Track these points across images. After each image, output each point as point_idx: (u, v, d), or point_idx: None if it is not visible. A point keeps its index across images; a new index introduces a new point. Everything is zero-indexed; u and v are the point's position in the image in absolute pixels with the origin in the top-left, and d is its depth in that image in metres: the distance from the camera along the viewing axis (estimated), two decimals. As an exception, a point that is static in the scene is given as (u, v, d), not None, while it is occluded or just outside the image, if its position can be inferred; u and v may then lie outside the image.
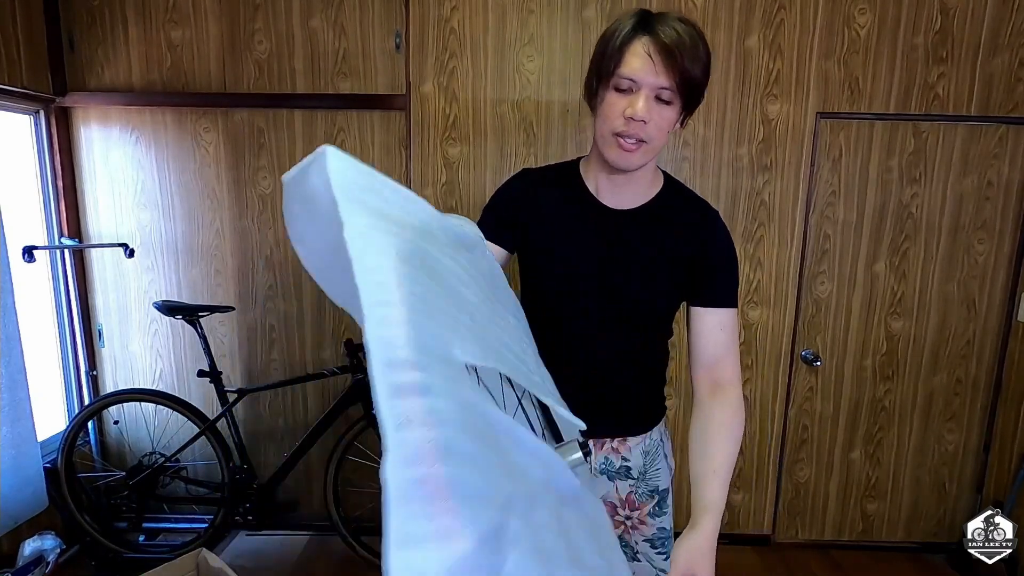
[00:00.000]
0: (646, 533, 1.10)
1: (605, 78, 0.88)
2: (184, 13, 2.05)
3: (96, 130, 2.13)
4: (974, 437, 2.25)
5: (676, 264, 0.99)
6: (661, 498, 1.10)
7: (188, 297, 2.22)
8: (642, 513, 1.09)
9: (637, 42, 0.85)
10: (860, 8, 1.97)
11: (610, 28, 0.90)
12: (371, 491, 2.34)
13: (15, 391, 1.80)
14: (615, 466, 1.08)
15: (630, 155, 0.90)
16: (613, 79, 0.87)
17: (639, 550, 1.10)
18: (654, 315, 1.03)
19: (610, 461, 1.07)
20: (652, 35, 0.84)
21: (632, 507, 1.09)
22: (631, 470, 1.07)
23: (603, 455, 1.07)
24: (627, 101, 0.87)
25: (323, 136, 2.11)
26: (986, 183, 2.07)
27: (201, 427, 2.05)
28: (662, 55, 0.83)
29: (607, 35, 0.90)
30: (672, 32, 0.84)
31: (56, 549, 1.96)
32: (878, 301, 2.16)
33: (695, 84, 0.86)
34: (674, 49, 0.83)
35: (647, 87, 0.85)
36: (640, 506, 1.09)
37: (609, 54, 0.87)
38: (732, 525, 2.30)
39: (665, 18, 0.86)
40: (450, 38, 2.02)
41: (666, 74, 0.84)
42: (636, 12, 0.88)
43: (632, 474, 1.08)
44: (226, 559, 1.87)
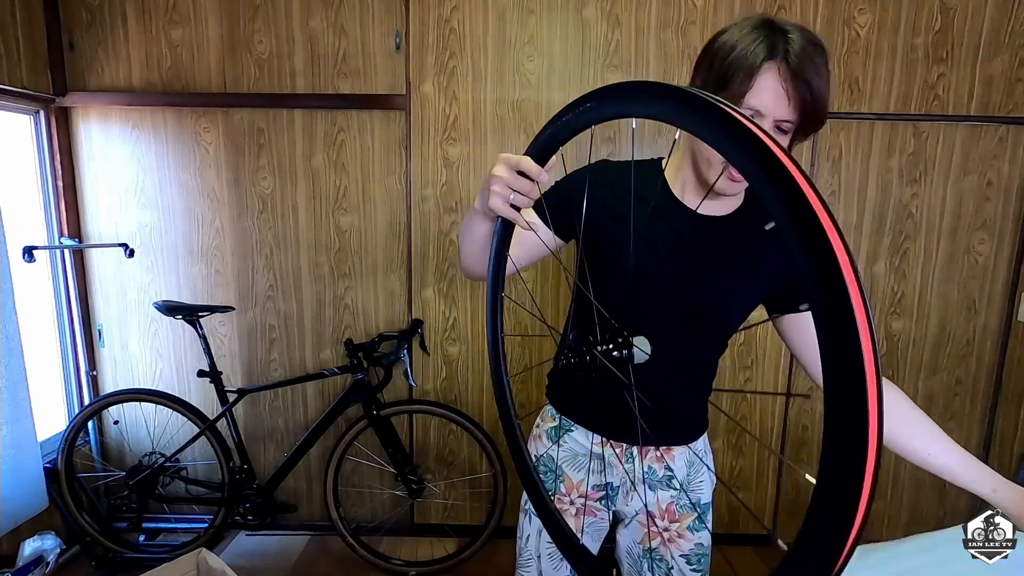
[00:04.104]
0: (683, 548, 1.06)
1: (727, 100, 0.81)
2: (184, 13, 2.05)
3: (96, 130, 2.13)
4: (974, 437, 2.25)
5: (761, 275, 0.94)
6: (702, 512, 1.07)
7: (188, 297, 2.22)
8: (681, 526, 1.06)
9: (769, 69, 0.75)
10: (860, 8, 1.97)
11: (732, 40, 0.78)
12: (371, 491, 2.34)
13: (15, 391, 1.80)
14: (658, 475, 1.05)
15: (738, 184, 0.85)
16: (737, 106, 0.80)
17: (674, 566, 1.06)
18: (722, 326, 0.99)
19: (653, 470, 1.05)
20: (786, 62, 0.74)
21: (672, 518, 1.06)
22: (673, 479, 1.05)
23: (647, 463, 1.05)
24: None
25: (323, 136, 2.11)
26: (986, 183, 2.07)
27: (201, 427, 2.06)
28: (795, 88, 0.75)
29: (728, 48, 0.78)
30: (807, 59, 0.74)
31: (56, 549, 1.96)
32: (878, 301, 2.16)
33: (820, 116, 0.78)
34: (809, 81, 0.74)
35: (771, 118, 0.77)
36: (680, 518, 1.06)
37: (735, 76, 0.76)
38: (732, 525, 2.30)
39: (794, 37, 0.75)
40: (450, 38, 2.02)
41: (794, 107, 0.76)
42: (761, 25, 0.77)
43: (674, 484, 1.05)
44: (226, 559, 1.87)
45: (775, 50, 0.75)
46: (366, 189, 2.14)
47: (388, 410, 2.07)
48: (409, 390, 2.24)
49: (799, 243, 0.36)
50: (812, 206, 0.36)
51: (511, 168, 0.70)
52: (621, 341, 0.65)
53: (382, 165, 2.12)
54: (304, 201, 2.15)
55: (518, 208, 0.72)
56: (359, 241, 2.18)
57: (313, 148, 2.12)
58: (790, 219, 0.37)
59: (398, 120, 2.09)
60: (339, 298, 2.22)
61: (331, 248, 2.18)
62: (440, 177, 2.11)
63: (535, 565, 1.11)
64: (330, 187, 2.14)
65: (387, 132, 2.10)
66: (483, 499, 2.30)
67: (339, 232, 2.17)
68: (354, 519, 2.32)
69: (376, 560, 2.14)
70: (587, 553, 0.74)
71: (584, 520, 1.09)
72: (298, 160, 2.13)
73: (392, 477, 2.21)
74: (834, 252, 0.35)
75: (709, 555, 1.08)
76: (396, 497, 2.30)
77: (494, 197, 0.71)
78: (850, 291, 0.34)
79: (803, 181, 0.37)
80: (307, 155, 2.12)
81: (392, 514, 2.35)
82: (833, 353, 0.35)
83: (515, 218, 0.72)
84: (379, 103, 2.07)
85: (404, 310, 2.21)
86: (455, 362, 2.25)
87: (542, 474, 1.11)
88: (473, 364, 2.25)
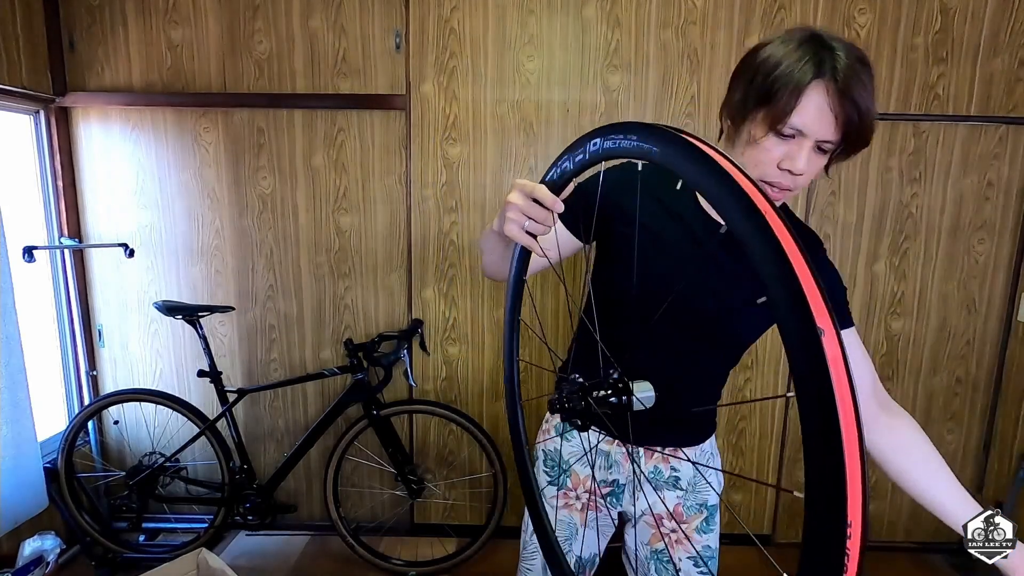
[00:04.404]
0: (691, 550, 1.06)
1: (768, 118, 0.75)
2: (184, 13, 2.05)
3: (96, 130, 2.13)
4: (974, 437, 2.25)
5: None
6: (710, 514, 1.07)
7: (188, 297, 2.22)
8: (689, 527, 1.06)
9: (817, 88, 0.72)
10: (860, 8, 1.97)
11: (777, 54, 0.75)
12: (371, 491, 2.34)
13: (15, 391, 1.80)
14: (664, 475, 1.05)
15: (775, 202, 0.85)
16: (779, 124, 0.75)
17: (682, 568, 1.06)
18: (738, 341, 0.99)
19: (659, 470, 1.05)
20: (834, 80, 0.71)
21: (680, 519, 1.06)
22: (680, 480, 1.05)
23: (652, 464, 1.05)
24: (786, 150, 0.76)
25: (323, 136, 2.11)
26: (986, 183, 2.07)
27: (201, 427, 2.06)
28: (842, 107, 0.72)
29: (773, 62, 0.74)
30: (854, 77, 0.71)
31: (56, 549, 1.96)
32: (878, 301, 2.16)
33: (865, 136, 0.76)
34: (857, 100, 0.72)
35: (813, 138, 0.75)
36: (688, 519, 1.06)
37: (781, 93, 0.73)
38: (732, 525, 2.30)
39: (841, 55, 0.72)
40: (450, 38, 2.02)
41: (838, 128, 0.74)
42: (807, 39, 0.74)
43: (681, 485, 1.05)
44: (226, 559, 1.87)
45: (823, 68, 0.72)
46: (366, 189, 2.14)
47: (388, 410, 2.07)
48: (409, 390, 2.24)
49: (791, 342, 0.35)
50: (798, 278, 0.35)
51: (526, 196, 0.69)
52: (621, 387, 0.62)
53: (382, 165, 2.12)
54: (304, 201, 2.15)
55: (535, 235, 0.71)
56: (359, 241, 2.18)
57: (313, 148, 2.12)
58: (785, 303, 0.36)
59: (398, 120, 2.09)
60: (339, 298, 2.22)
61: (331, 248, 2.18)
62: (440, 177, 2.11)
63: (539, 559, 1.11)
64: (330, 187, 2.14)
65: (387, 132, 2.10)
66: (483, 499, 2.30)
67: (339, 232, 2.17)
68: (354, 519, 2.32)
69: (376, 560, 2.14)
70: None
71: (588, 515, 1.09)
72: (298, 160, 2.13)
73: (392, 477, 2.21)
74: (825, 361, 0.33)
75: (716, 558, 1.08)
76: (396, 497, 2.30)
77: (509, 224, 0.70)
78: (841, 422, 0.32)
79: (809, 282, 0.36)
80: (307, 155, 2.12)
81: (392, 514, 2.35)
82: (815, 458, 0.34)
83: (531, 245, 0.71)
84: (379, 103, 2.07)
85: (404, 310, 2.21)
86: (455, 362, 2.25)
87: (550, 469, 1.11)
88: (473, 364, 2.25)
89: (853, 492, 0.32)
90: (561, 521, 1.09)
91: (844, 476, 0.32)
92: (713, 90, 2.03)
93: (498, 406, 2.28)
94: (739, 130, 0.81)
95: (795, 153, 0.76)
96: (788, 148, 0.76)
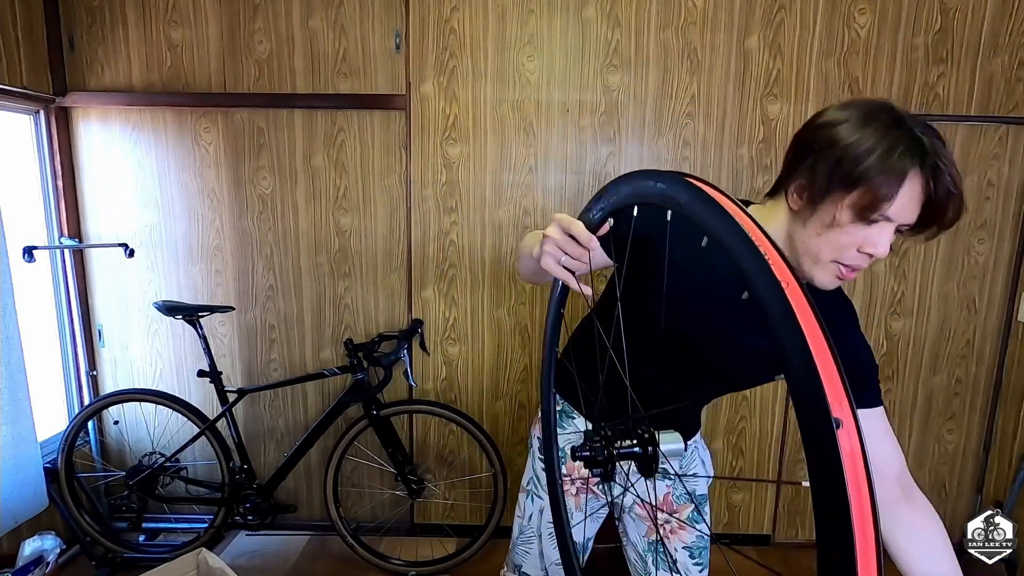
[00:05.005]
0: (685, 540, 1.08)
1: (857, 204, 0.72)
2: (184, 13, 2.05)
3: (96, 130, 2.13)
4: (974, 437, 2.25)
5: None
6: (699, 503, 1.10)
7: (188, 297, 2.22)
8: (681, 516, 1.09)
9: (914, 177, 0.69)
10: (860, 8, 1.97)
11: (862, 136, 0.71)
12: (371, 491, 2.34)
13: (15, 391, 1.80)
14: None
15: (841, 282, 0.80)
16: (871, 213, 0.71)
17: (678, 559, 1.08)
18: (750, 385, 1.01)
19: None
20: (929, 168, 0.69)
21: (670, 509, 1.09)
22: (667, 471, 1.08)
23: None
24: (868, 233, 0.73)
25: (323, 136, 2.11)
26: (986, 183, 2.07)
27: (201, 427, 2.06)
28: (937, 194, 0.70)
29: (868, 149, 0.70)
30: (953, 171, 0.70)
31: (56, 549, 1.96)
32: (878, 301, 2.16)
33: (958, 216, 0.73)
34: (948, 203, 0.70)
35: (897, 223, 0.73)
36: (678, 509, 1.09)
37: (874, 180, 0.70)
38: (732, 525, 2.30)
39: (927, 138, 0.70)
40: (450, 38, 2.02)
41: (923, 211, 0.72)
42: (894, 123, 0.71)
43: (668, 474, 1.08)
44: (226, 559, 1.87)
45: (916, 157, 0.69)
46: (366, 189, 2.14)
47: (388, 410, 2.07)
48: (409, 390, 2.24)
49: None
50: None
51: (563, 231, 0.68)
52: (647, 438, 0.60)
53: (382, 165, 2.12)
54: (304, 201, 2.15)
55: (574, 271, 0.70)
56: (359, 241, 2.18)
57: (313, 148, 2.12)
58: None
59: (398, 120, 2.09)
60: (339, 298, 2.22)
61: (331, 248, 2.18)
62: (440, 177, 2.11)
63: (536, 544, 1.13)
64: (330, 187, 2.14)
65: (387, 132, 2.10)
66: (483, 499, 2.30)
67: (339, 232, 2.17)
68: (354, 519, 2.32)
69: (376, 560, 2.14)
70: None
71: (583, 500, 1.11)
72: (298, 160, 2.13)
73: (392, 477, 2.21)
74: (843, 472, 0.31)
75: (708, 548, 1.10)
76: (396, 497, 2.30)
77: (546, 257, 0.70)
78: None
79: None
80: (307, 155, 2.12)
81: (392, 514, 2.35)
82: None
83: (567, 279, 0.70)
84: (379, 103, 2.07)
85: (404, 310, 2.21)
86: (455, 362, 2.25)
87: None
88: (473, 364, 2.25)
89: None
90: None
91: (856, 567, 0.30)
92: (713, 90, 2.03)
93: (498, 406, 2.28)
94: (815, 209, 0.76)
95: (877, 239, 0.73)
96: (870, 232, 0.73)
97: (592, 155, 2.09)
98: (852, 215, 0.73)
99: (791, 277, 0.37)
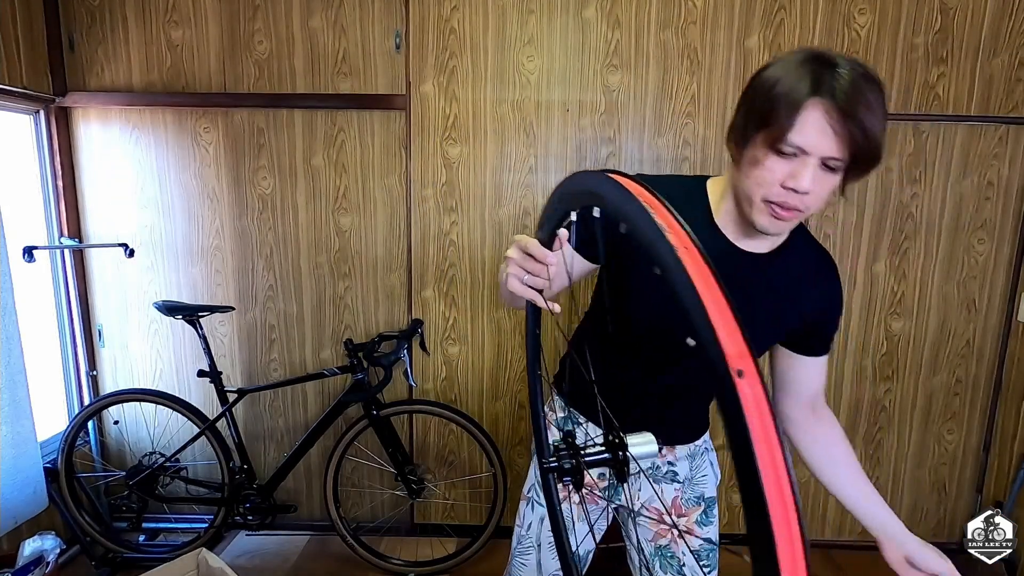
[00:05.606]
0: (693, 543, 1.08)
1: (768, 137, 0.75)
2: (184, 13, 2.05)
3: (96, 130, 2.13)
4: (974, 437, 2.25)
5: (789, 316, 0.93)
6: (708, 506, 1.09)
7: (188, 297, 2.22)
8: (689, 520, 1.08)
9: (814, 105, 0.71)
10: (860, 8, 1.97)
11: (775, 74, 0.75)
12: (371, 491, 2.34)
13: (15, 391, 1.80)
14: (661, 470, 1.07)
15: (782, 224, 0.81)
16: (779, 143, 0.74)
17: (685, 563, 1.06)
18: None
19: (656, 465, 1.07)
20: (832, 97, 0.70)
21: (679, 512, 1.08)
22: (677, 475, 1.07)
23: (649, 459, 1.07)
24: (790, 169, 0.75)
25: (323, 136, 2.11)
26: (986, 183, 2.07)
27: (201, 427, 2.05)
28: (842, 123, 0.71)
29: (772, 82, 0.74)
30: (854, 93, 0.70)
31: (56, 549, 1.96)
32: (878, 301, 2.16)
33: (873, 153, 0.74)
34: (861, 118, 0.70)
35: (816, 156, 0.73)
36: (687, 512, 1.08)
37: (778, 111, 0.73)
38: (732, 525, 2.30)
39: (843, 71, 0.71)
40: (450, 38, 2.02)
41: (841, 144, 0.72)
42: (808, 59, 0.73)
43: (678, 478, 1.07)
44: (226, 559, 1.87)
45: (821, 85, 0.71)
46: (366, 189, 2.14)
47: (388, 410, 2.07)
48: (409, 390, 2.24)
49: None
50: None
51: (521, 250, 0.69)
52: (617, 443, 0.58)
53: (382, 165, 2.12)
54: (304, 201, 2.15)
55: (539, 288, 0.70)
56: (359, 241, 2.18)
57: (313, 148, 2.12)
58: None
59: (398, 120, 2.09)
60: (339, 298, 2.22)
61: (331, 248, 2.18)
62: (440, 177, 2.11)
63: (534, 554, 1.12)
64: (330, 187, 2.14)
65: (387, 132, 2.10)
66: (483, 499, 2.30)
67: (339, 232, 2.17)
68: (354, 519, 2.32)
69: (376, 560, 2.14)
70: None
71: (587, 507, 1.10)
72: (298, 160, 2.13)
73: (392, 477, 2.21)
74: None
75: (717, 551, 1.10)
76: (396, 497, 2.30)
77: (510, 279, 0.70)
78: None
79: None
80: (307, 155, 2.12)
81: (392, 514, 2.35)
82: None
83: (533, 298, 0.70)
84: (379, 103, 2.07)
85: (404, 310, 2.21)
86: (455, 362, 2.25)
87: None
88: (473, 364, 2.25)
89: (780, 535, 0.30)
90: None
91: (768, 515, 0.30)
92: (713, 90, 2.03)
93: (498, 406, 2.28)
94: (743, 154, 0.81)
95: (798, 171, 0.74)
96: (792, 167, 0.75)
97: (592, 155, 2.09)
98: (767, 149, 0.76)
99: (689, 242, 0.38)
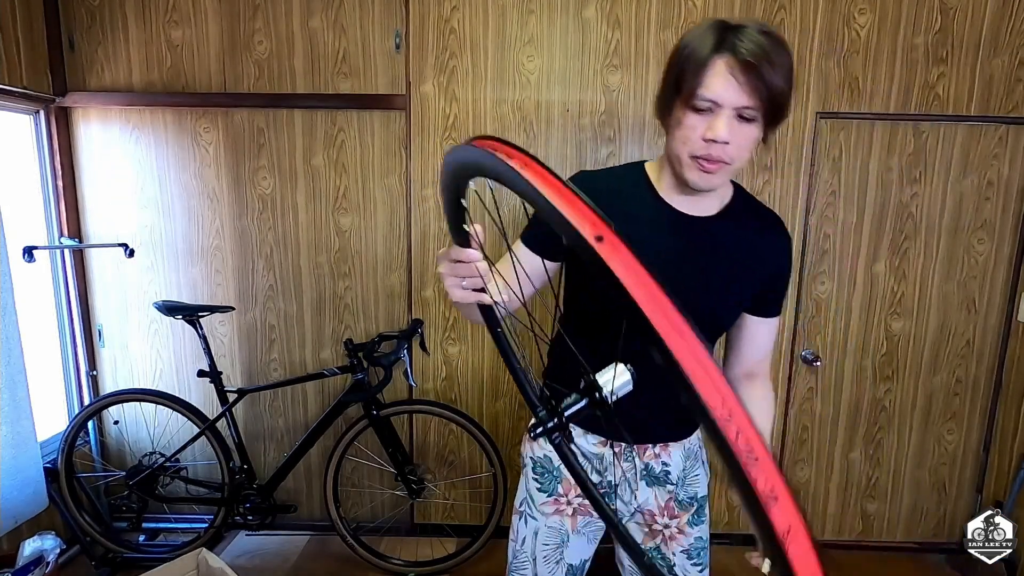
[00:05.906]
0: (684, 544, 1.08)
1: (683, 98, 0.82)
2: (184, 13, 2.05)
3: (96, 130, 2.13)
4: (974, 437, 2.25)
5: (748, 276, 0.97)
6: (700, 506, 1.09)
7: (188, 297, 2.22)
8: (681, 522, 1.08)
9: (718, 60, 0.79)
10: (860, 8, 1.97)
11: (685, 42, 0.83)
12: (371, 491, 2.34)
13: (15, 391, 1.80)
14: (655, 472, 1.07)
15: (711, 177, 0.86)
16: (692, 100, 0.81)
17: (676, 562, 1.08)
18: (717, 328, 1.02)
19: (651, 467, 1.06)
20: (733, 52, 0.78)
21: (671, 515, 1.08)
22: (670, 475, 1.07)
23: (645, 460, 1.06)
24: (707, 123, 0.82)
25: (323, 136, 2.11)
26: (986, 183, 2.07)
27: (201, 427, 2.06)
28: (744, 73, 0.78)
29: (683, 50, 0.83)
30: (753, 47, 0.77)
31: (56, 549, 1.96)
32: (878, 301, 2.16)
33: (779, 100, 0.81)
34: (757, 66, 0.77)
35: (728, 107, 0.80)
36: (679, 514, 1.08)
37: (687, 72, 0.81)
38: (732, 525, 2.30)
39: (744, 31, 0.79)
40: (450, 38, 2.02)
41: (749, 93, 0.79)
42: (713, 25, 0.81)
43: (671, 479, 1.07)
44: (226, 559, 1.87)
45: (723, 44, 0.79)
46: (366, 189, 2.14)
47: (388, 410, 2.07)
48: (409, 390, 2.24)
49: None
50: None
51: (447, 260, 0.71)
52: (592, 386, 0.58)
53: (382, 165, 2.12)
54: (304, 201, 2.15)
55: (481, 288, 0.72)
56: (359, 241, 2.18)
57: (313, 148, 2.12)
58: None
59: (398, 120, 2.09)
60: (339, 298, 2.22)
61: (331, 248, 2.18)
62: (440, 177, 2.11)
63: (530, 568, 1.11)
64: (330, 187, 2.14)
65: (387, 132, 2.10)
66: (483, 499, 2.30)
67: (339, 232, 2.17)
68: (354, 519, 2.32)
69: (376, 560, 2.14)
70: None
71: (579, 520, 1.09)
72: (298, 160, 2.13)
73: (392, 477, 2.21)
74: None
75: (708, 548, 1.10)
76: (396, 497, 2.30)
77: (452, 292, 0.73)
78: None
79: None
80: (307, 155, 2.12)
81: (392, 514, 2.35)
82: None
83: (479, 298, 0.72)
84: (379, 103, 2.07)
85: (404, 310, 2.21)
86: (455, 362, 2.25)
87: (539, 475, 1.11)
88: (473, 364, 2.25)
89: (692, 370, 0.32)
90: (551, 528, 1.10)
91: (673, 356, 0.32)
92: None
93: (498, 406, 2.28)
94: (668, 118, 0.88)
95: (714, 123, 0.81)
96: (709, 120, 0.82)
97: (592, 155, 2.09)
98: (684, 108, 0.83)
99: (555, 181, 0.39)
